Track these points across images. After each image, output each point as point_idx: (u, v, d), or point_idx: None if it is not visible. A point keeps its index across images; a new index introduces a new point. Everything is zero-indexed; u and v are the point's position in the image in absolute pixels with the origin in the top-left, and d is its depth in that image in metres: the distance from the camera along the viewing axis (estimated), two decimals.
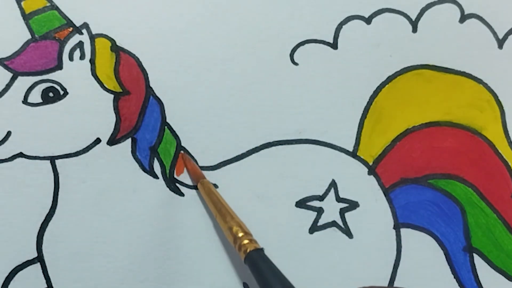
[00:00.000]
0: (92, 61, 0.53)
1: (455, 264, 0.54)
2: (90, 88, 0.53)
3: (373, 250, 0.54)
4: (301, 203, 0.54)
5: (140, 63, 0.54)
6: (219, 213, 0.47)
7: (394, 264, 0.54)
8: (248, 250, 0.43)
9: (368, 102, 0.55)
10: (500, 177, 0.55)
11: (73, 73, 0.53)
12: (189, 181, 0.53)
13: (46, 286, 0.51)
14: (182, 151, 0.53)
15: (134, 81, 0.53)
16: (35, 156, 0.52)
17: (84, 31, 0.53)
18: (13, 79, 0.52)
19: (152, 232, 0.52)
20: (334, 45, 0.56)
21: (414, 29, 0.57)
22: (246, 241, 0.44)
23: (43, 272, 0.51)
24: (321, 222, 0.54)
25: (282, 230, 0.53)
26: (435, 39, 0.57)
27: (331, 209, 0.54)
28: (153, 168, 0.53)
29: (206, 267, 0.52)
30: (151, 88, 0.54)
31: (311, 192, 0.54)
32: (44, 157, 0.52)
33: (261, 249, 0.43)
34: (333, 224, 0.54)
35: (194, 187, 0.53)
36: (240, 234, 0.44)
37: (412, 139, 0.55)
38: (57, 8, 0.53)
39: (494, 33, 0.57)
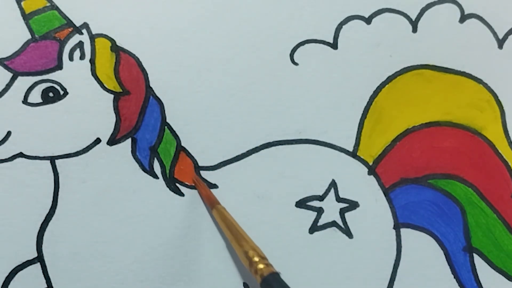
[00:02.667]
0: (92, 61, 0.53)
1: (455, 264, 0.54)
2: (90, 88, 0.53)
3: (373, 250, 0.54)
4: (301, 203, 0.54)
5: (140, 63, 0.54)
6: (235, 238, 0.48)
7: (394, 264, 0.54)
8: (264, 274, 0.43)
9: (368, 102, 0.55)
10: (500, 177, 0.55)
11: (73, 73, 0.53)
12: (188, 181, 0.53)
13: (46, 286, 0.51)
14: (195, 175, 0.53)
15: (134, 81, 0.53)
16: (35, 156, 0.52)
17: (84, 31, 0.53)
18: (13, 79, 0.52)
19: (152, 232, 0.52)
20: (334, 45, 0.56)
21: (414, 29, 0.57)
22: (262, 266, 0.44)
23: (43, 272, 0.51)
24: (321, 222, 0.54)
25: (282, 230, 0.53)
26: (435, 39, 0.57)
27: (331, 209, 0.54)
28: (153, 168, 0.53)
29: (206, 267, 0.52)
30: (151, 88, 0.54)
31: (311, 192, 0.54)
32: (44, 157, 0.52)
33: (277, 273, 0.44)
34: (333, 224, 0.54)
35: (194, 187, 0.53)
36: (256, 259, 0.45)
37: (412, 139, 0.55)
38: (57, 8, 0.53)
39: (494, 33, 0.57)
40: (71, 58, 0.53)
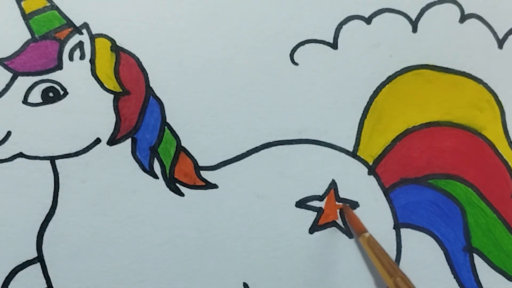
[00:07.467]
0: (92, 61, 0.53)
1: (455, 264, 0.54)
2: (90, 88, 0.53)
3: None
4: (301, 203, 0.54)
5: (140, 63, 0.54)
6: (384, 267, 0.48)
7: None
8: None
9: (368, 102, 0.55)
10: (500, 177, 0.55)
11: (73, 73, 0.53)
12: (188, 181, 0.53)
13: (46, 286, 0.51)
14: (342, 203, 0.54)
15: (134, 81, 0.53)
16: (35, 156, 0.52)
17: (84, 31, 0.53)
18: (13, 79, 0.52)
19: (152, 232, 0.52)
20: (334, 45, 0.56)
21: (414, 29, 0.57)
22: None
23: (43, 272, 0.51)
24: (321, 222, 0.54)
25: (282, 230, 0.53)
26: (435, 39, 0.57)
27: (331, 209, 0.54)
28: (153, 168, 0.53)
29: (206, 267, 0.52)
30: (151, 88, 0.54)
31: (311, 192, 0.54)
32: (44, 157, 0.52)
33: None
34: (333, 224, 0.54)
35: (194, 187, 0.53)
36: None
37: (412, 139, 0.55)
38: (57, 8, 0.53)
39: (494, 33, 0.57)
40: (71, 58, 0.53)
